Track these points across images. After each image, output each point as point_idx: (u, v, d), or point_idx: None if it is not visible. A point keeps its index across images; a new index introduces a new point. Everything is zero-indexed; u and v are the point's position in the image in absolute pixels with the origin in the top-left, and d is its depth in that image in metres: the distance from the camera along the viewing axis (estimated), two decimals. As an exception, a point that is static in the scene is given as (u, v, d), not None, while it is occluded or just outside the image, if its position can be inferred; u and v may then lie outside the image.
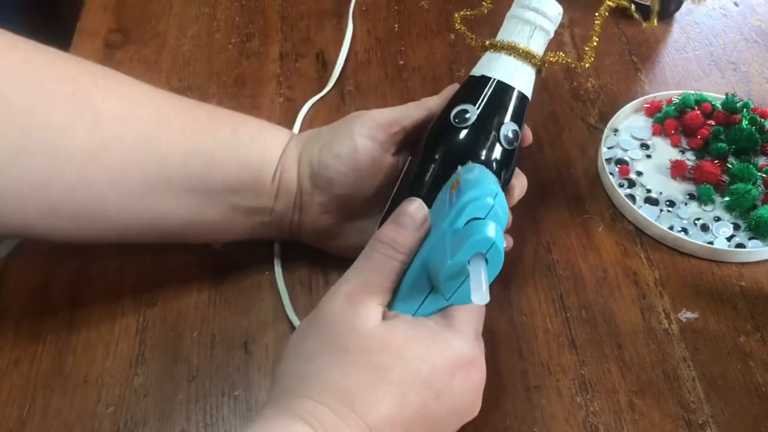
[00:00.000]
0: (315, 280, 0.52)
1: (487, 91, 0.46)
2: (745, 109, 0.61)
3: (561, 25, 0.72)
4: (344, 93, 0.65)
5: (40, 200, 0.42)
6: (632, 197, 0.58)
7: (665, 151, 0.61)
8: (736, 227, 0.56)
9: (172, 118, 0.46)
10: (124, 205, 0.44)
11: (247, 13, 0.73)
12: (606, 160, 0.60)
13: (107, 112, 0.43)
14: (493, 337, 0.49)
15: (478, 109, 0.45)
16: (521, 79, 0.46)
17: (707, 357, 0.49)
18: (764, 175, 0.58)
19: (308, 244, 0.52)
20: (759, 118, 0.61)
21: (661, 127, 0.62)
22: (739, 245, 0.55)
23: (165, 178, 0.44)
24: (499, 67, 0.46)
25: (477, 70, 0.47)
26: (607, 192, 0.58)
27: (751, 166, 0.58)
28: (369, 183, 0.47)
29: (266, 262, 0.53)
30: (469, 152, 0.44)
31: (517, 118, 0.46)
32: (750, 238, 0.55)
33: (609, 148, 0.61)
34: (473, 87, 0.46)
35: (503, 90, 0.46)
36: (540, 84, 0.66)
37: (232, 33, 0.71)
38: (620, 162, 0.60)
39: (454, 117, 0.45)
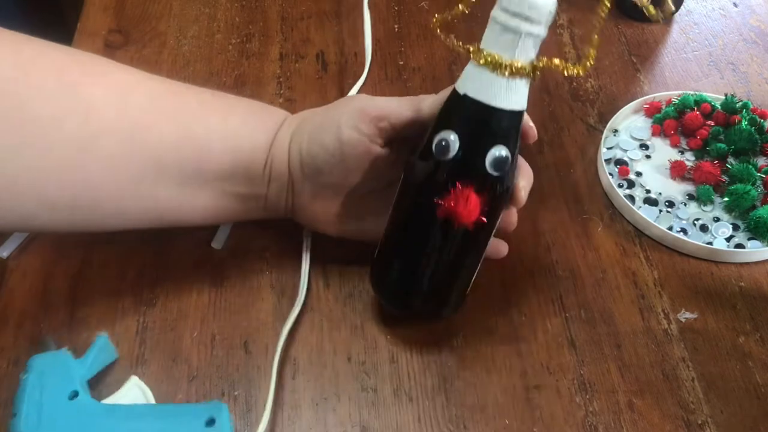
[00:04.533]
0: (315, 281, 0.52)
1: (470, 115, 0.41)
2: (744, 110, 0.61)
3: (561, 26, 0.72)
4: (344, 93, 0.65)
5: (37, 195, 0.42)
6: (631, 198, 0.58)
7: (664, 151, 0.61)
8: (736, 228, 0.56)
9: (163, 105, 0.46)
10: (120, 194, 0.44)
11: (247, 13, 0.73)
12: (605, 160, 0.60)
13: (97, 102, 0.43)
14: (492, 337, 0.50)
15: (460, 137, 0.41)
16: (509, 97, 0.40)
17: (706, 357, 0.49)
18: (763, 176, 0.58)
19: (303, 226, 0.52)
20: (758, 119, 0.61)
21: (660, 128, 0.62)
22: (738, 246, 0.55)
23: (159, 167, 0.45)
24: (482, 87, 0.40)
25: (460, 85, 0.42)
26: (606, 192, 0.58)
27: (750, 166, 0.58)
28: (356, 172, 0.47)
29: (266, 262, 0.53)
30: (453, 185, 0.41)
31: (506, 139, 0.42)
32: (749, 239, 0.55)
33: (608, 148, 0.61)
34: (455, 109, 0.42)
35: (488, 113, 0.41)
36: (539, 84, 0.66)
37: (232, 33, 0.71)
38: (619, 162, 0.60)
39: (436, 147, 0.42)
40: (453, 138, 0.41)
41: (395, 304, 0.49)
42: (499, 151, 0.41)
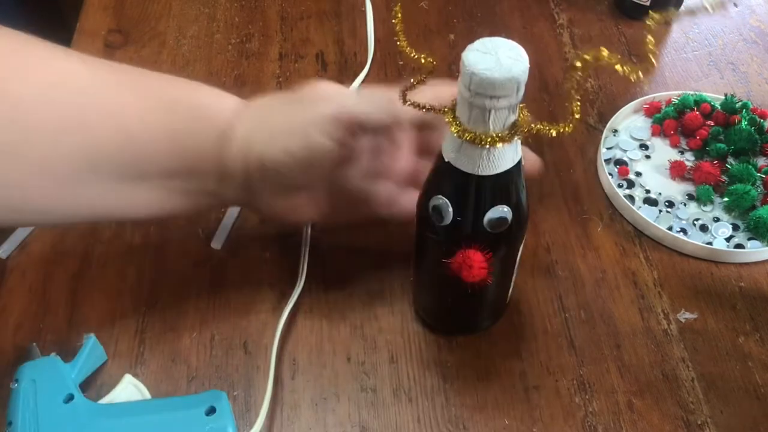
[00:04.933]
0: (314, 281, 0.52)
1: (457, 183, 0.39)
2: (744, 110, 0.61)
3: (561, 26, 0.72)
4: (344, 93, 0.65)
5: None
6: (631, 198, 0.58)
7: (664, 151, 0.61)
8: (735, 228, 0.56)
9: (99, 101, 0.42)
10: (51, 194, 0.41)
11: (247, 13, 0.73)
12: (605, 160, 0.60)
13: (26, 102, 0.39)
14: (492, 337, 0.50)
15: (452, 203, 0.39)
16: (493, 163, 0.38)
17: (706, 357, 0.49)
18: (763, 176, 0.58)
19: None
20: (758, 119, 0.61)
21: (660, 128, 0.62)
22: (738, 246, 0.55)
23: (93, 168, 0.41)
24: (463, 156, 0.38)
25: (444, 149, 0.39)
26: (606, 192, 0.58)
27: (750, 166, 0.58)
28: (323, 173, 0.45)
29: (266, 262, 0.53)
30: (456, 247, 0.40)
31: (504, 195, 0.40)
32: (749, 239, 0.55)
33: (608, 148, 0.61)
34: (443, 175, 0.40)
35: (475, 181, 0.38)
36: (539, 84, 0.66)
37: (231, 33, 0.71)
38: (619, 162, 0.60)
39: (432, 212, 0.41)
40: (445, 204, 0.40)
41: (435, 325, 0.50)
42: (496, 212, 0.39)
